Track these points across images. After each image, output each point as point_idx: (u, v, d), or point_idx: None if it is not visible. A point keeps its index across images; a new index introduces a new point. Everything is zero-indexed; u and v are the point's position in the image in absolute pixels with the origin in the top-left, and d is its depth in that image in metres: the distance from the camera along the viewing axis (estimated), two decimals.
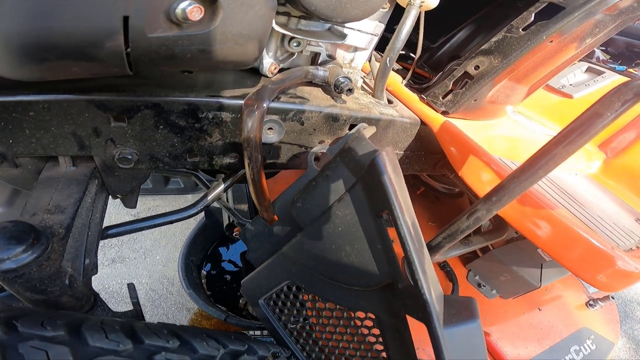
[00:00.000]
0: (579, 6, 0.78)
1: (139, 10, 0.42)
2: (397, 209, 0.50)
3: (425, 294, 0.49)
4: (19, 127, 0.63)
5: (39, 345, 0.41)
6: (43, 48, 0.41)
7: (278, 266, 0.83)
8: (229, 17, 0.49)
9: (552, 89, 1.63)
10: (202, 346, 0.54)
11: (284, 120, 0.72)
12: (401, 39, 0.81)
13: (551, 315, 1.34)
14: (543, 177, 0.59)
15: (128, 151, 0.67)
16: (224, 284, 1.96)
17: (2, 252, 0.50)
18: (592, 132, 0.55)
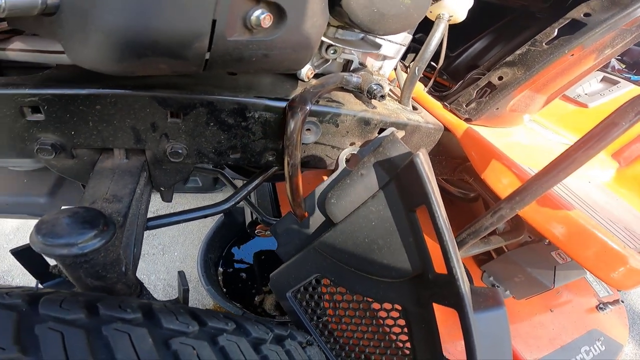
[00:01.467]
0: (601, 22, 0.85)
1: (223, 14, 0.49)
2: (435, 204, 0.56)
3: (459, 280, 0.55)
4: (84, 120, 0.69)
5: (121, 328, 0.45)
6: (143, 45, 0.47)
7: (308, 260, 0.89)
8: (291, 26, 0.56)
9: (567, 99, 1.69)
10: (254, 329, 0.60)
11: (321, 122, 0.78)
12: (430, 50, 0.88)
13: (562, 317, 1.39)
14: (562, 180, 0.65)
15: (179, 146, 0.74)
16: (237, 282, 2.02)
17: (74, 236, 0.54)
18: (608, 140, 0.61)
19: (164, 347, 0.44)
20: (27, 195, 1.06)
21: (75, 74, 0.72)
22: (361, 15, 0.64)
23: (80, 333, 0.41)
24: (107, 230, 0.58)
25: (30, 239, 0.55)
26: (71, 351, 0.38)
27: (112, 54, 0.49)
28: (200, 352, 0.46)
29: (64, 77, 0.70)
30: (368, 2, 0.63)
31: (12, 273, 2.00)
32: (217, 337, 0.51)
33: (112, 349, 0.41)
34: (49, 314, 0.42)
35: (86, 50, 0.50)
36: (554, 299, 1.44)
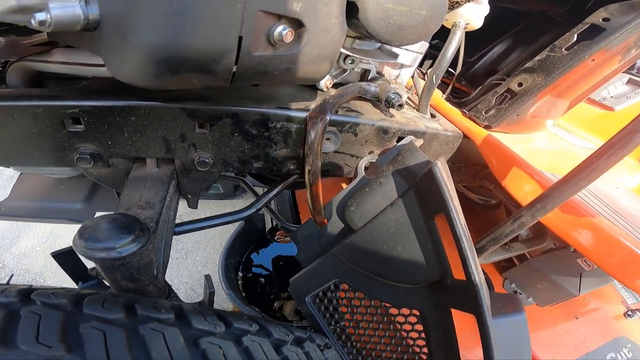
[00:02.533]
0: (620, 27, 0.84)
1: (249, 31, 0.53)
2: (454, 212, 0.58)
3: (477, 284, 0.56)
4: (119, 130, 0.75)
5: (156, 327, 0.49)
6: (178, 62, 0.52)
7: (327, 265, 0.92)
8: (311, 40, 0.59)
9: (593, 102, 1.66)
10: (276, 331, 0.63)
11: (341, 131, 0.81)
12: (447, 58, 0.89)
13: (588, 324, 1.37)
14: (585, 187, 0.65)
15: (206, 155, 0.79)
16: (256, 287, 2.06)
17: (114, 240, 0.59)
18: (631, 146, 0.61)
19: (194, 346, 0.48)
20: (64, 201, 1.13)
21: (111, 86, 0.78)
22: (378, 27, 0.67)
23: (120, 332, 0.45)
24: (143, 236, 0.62)
25: (74, 242, 0.60)
26: (112, 349, 0.42)
27: (150, 70, 0.53)
28: (226, 351, 0.49)
29: (101, 89, 0.75)
30: (385, 15, 0.66)
31: (43, 274, 2.12)
32: (241, 338, 0.54)
33: (147, 347, 0.44)
34: (92, 314, 0.47)
35: (125, 65, 0.55)
36: (580, 305, 1.41)
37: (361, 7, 0.64)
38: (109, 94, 0.73)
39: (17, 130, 0.73)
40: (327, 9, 0.58)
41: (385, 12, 0.65)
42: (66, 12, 0.49)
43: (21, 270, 2.12)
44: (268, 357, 0.52)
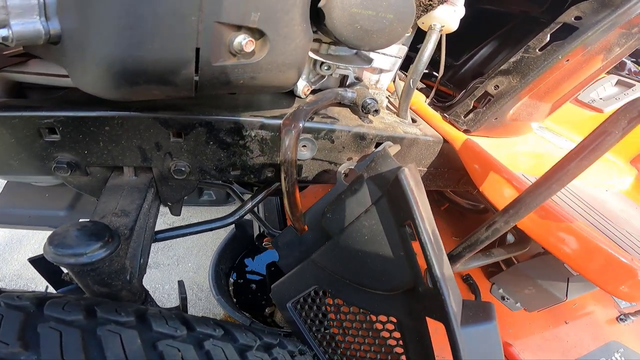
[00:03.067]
0: (592, 25, 0.84)
1: (207, 43, 0.53)
2: (419, 219, 0.58)
3: (444, 294, 0.56)
4: (95, 140, 0.75)
5: (114, 329, 0.50)
6: (135, 74, 0.52)
7: (307, 272, 0.92)
8: (274, 49, 0.59)
9: (582, 104, 1.65)
10: (242, 336, 0.63)
11: (317, 138, 0.82)
12: (423, 62, 0.89)
13: (578, 329, 1.36)
14: (558, 191, 0.65)
15: (182, 164, 0.79)
16: (248, 293, 2.06)
17: (83, 247, 0.60)
18: (602, 149, 0.61)
19: (152, 348, 0.48)
20: (48, 208, 1.14)
21: (87, 96, 0.79)
22: (345, 32, 0.67)
23: (76, 332, 0.46)
24: (112, 242, 0.63)
25: (44, 249, 0.60)
26: (66, 348, 0.43)
27: (108, 82, 0.54)
28: (185, 354, 0.50)
29: (77, 99, 0.76)
30: (351, 20, 0.66)
31: (35, 280, 2.13)
32: (203, 342, 0.55)
33: (103, 347, 0.45)
34: (51, 315, 0.47)
35: (86, 77, 0.56)
36: (570, 310, 1.40)
37: (327, 13, 0.65)
38: (83, 104, 0.74)
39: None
40: (288, 16, 0.58)
41: (351, 17, 0.66)
42: (27, 28, 0.51)
43: (13, 276, 2.12)
44: None
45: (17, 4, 0.51)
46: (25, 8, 0.51)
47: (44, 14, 0.53)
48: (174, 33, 0.51)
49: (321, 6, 0.66)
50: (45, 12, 0.53)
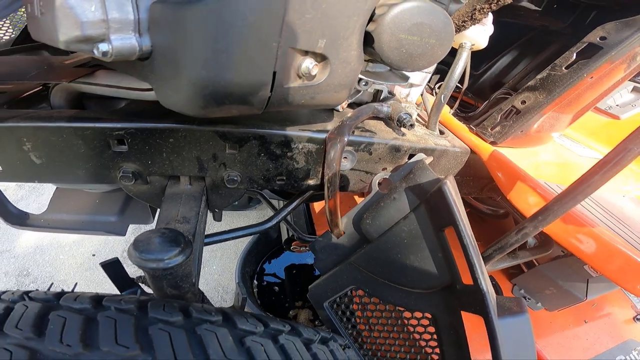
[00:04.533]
0: (616, 45, 0.91)
1: (282, 66, 0.62)
2: (462, 225, 0.66)
3: (484, 288, 0.64)
4: (159, 151, 0.83)
5: (210, 328, 0.57)
6: (224, 95, 0.60)
7: (344, 273, 1.00)
8: (333, 72, 0.68)
9: (599, 110, 1.72)
10: (305, 331, 0.71)
11: (357, 150, 0.90)
12: (455, 78, 0.97)
13: (597, 328, 1.43)
14: (582, 201, 0.73)
15: (235, 174, 0.88)
16: (271, 295, 2.15)
17: (164, 252, 0.68)
18: (623, 164, 0.68)
19: (240, 344, 0.56)
20: (100, 214, 1.24)
21: (150, 108, 0.85)
22: (392, 56, 0.73)
23: (182, 332, 0.53)
24: (187, 248, 0.71)
25: (128, 253, 0.69)
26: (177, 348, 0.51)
27: (199, 102, 0.61)
28: (266, 348, 0.58)
29: (142, 111, 0.84)
30: (398, 44, 0.72)
31: (67, 282, 2.24)
32: (277, 337, 0.63)
33: (205, 345, 0.53)
34: (156, 317, 0.56)
35: (176, 96, 0.62)
36: (589, 310, 1.47)
37: (376, 38, 0.71)
38: (149, 117, 0.81)
39: (66, 149, 0.81)
40: (347, 42, 0.67)
41: (398, 42, 0.72)
42: (125, 44, 0.57)
43: (45, 278, 2.24)
44: (301, 353, 0.61)
45: (117, 19, 0.56)
46: (124, 23, 0.57)
47: (138, 30, 0.59)
48: (258, 57, 0.58)
49: (370, 30, 0.72)
50: (139, 27, 0.59)
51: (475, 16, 0.85)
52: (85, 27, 0.54)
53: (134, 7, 0.57)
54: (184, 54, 0.57)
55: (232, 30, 0.55)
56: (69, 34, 0.54)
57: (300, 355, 0.60)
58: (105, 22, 0.56)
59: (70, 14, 0.53)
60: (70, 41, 0.55)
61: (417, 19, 0.71)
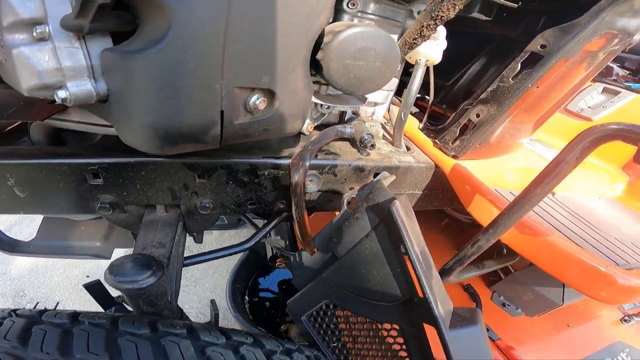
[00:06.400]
0: (556, 52, 0.94)
1: (228, 105, 0.68)
2: (408, 243, 0.72)
3: (431, 301, 0.70)
4: (132, 183, 0.90)
5: (174, 340, 0.65)
6: (175, 136, 0.67)
7: (318, 288, 1.06)
8: (283, 104, 0.75)
9: (571, 113, 1.79)
10: (268, 343, 0.78)
11: (321, 173, 0.97)
12: (412, 95, 1.03)
13: (582, 331, 1.47)
14: (528, 212, 0.79)
15: (207, 201, 0.95)
16: (263, 310, 2.21)
17: (136, 275, 0.76)
18: (560, 176, 0.73)
19: (202, 354, 0.64)
20: (85, 239, 1.31)
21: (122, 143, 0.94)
22: (341, 81, 0.80)
23: (147, 343, 0.61)
24: (158, 270, 0.78)
25: (105, 277, 0.75)
26: (142, 356, 0.58)
27: (153, 142, 0.68)
28: (226, 358, 0.65)
29: (115, 146, 0.90)
30: (345, 70, 0.79)
31: (63, 302, 2.31)
32: (239, 347, 0.70)
33: (167, 354, 0.60)
34: (126, 330, 0.63)
35: (132, 136, 0.70)
36: (572, 314, 1.51)
37: (324, 65, 0.78)
38: (122, 151, 0.87)
39: (47, 184, 0.88)
40: (292, 75, 0.73)
41: (345, 68, 0.78)
42: (81, 89, 0.63)
43: (41, 298, 2.31)
44: None
45: (70, 67, 0.62)
46: (77, 70, 0.63)
47: (92, 76, 0.64)
48: (203, 100, 0.65)
49: (319, 58, 0.78)
50: (93, 73, 0.64)
51: (423, 33, 0.89)
52: (41, 75, 0.60)
53: (85, 55, 0.63)
54: (134, 101, 0.64)
55: (175, 78, 0.62)
56: (28, 82, 0.60)
57: None
58: (60, 71, 0.61)
59: (26, 64, 0.59)
60: (31, 89, 0.61)
61: (361, 44, 0.77)
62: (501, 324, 1.38)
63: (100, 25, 0.59)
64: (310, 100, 0.84)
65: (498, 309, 1.44)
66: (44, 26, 0.59)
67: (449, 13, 0.82)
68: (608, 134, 0.68)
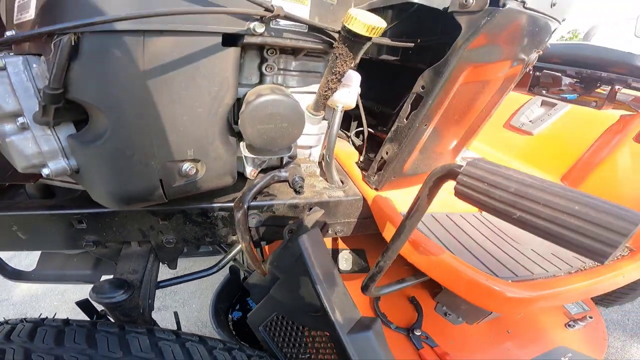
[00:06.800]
0: (432, 92, 1.12)
1: (165, 174, 1.00)
2: (310, 268, 1.05)
3: (328, 311, 1.03)
4: (109, 226, 1.23)
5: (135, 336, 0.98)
6: (127, 199, 0.98)
7: (269, 303, 1.39)
8: (210, 168, 1.07)
9: (514, 128, 2.07)
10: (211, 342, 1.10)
11: (262, 212, 1.30)
12: (333, 139, 1.29)
13: (522, 337, 1.67)
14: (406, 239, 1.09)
15: (171, 237, 1.29)
16: (247, 326, 2.53)
17: (112, 293, 1.09)
18: (421, 210, 0.93)
19: (155, 346, 0.96)
20: (78, 269, 1.68)
21: None
22: (257, 143, 1.05)
23: (115, 338, 0.95)
24: (129, 290, 1.12)
25: (90, 295, 1.09)
26: (110, 345, 0.92)
27: (113, 203, 1.00)
28: (174, 349, 0.97)
29: None
30: (258, 133, 1.03)
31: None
32: (185, 343, 1.02)
33: (129, 344, 0.93)
34: (102, 329, 0.98)
35: (98, 198, 1.03)
36: (513, 320, 1.77)
37: (242, 130, 1.03)
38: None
39: (43, 228, 1.23)
40: (212, 146, 1.05)
41: (258, 132, 1.03)
42: (58, 167, 0.91)
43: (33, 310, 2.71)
44: (201, 354, 1.00)
45: (48, 150, 0.88)
46: (53, 152, 0.90)
47: (65, 155, 0.91)
48: (144, 174, 0.97)
49: (238, 125, 1.03)
50: (65, 153, 0.91)
51: (330, 86, 1.11)
52: (29, 158, 0.87)
53: (56, 139, 0.89)
54: (94, 175, 0.94)
55: (120, 161, 0.90)
56: (21, 163, 0.86)
57: (200, 356, 1.00)
58: (41, 154, 0.87)
59: (18, 150, 0.85)
60: (24, 168, 0.87)
61: (267, 110, 1.03)
62: (442, 332, 1.63)
63: (60, 120, 0.87)
64: (234, 161, 1.15)
65: (441, 318, 1.73)
66: (22, 118, 0.83)
67: (343, 68, 1.07)
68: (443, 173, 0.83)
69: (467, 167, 0.76)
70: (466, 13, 1.06)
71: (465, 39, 1.06)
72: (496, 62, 1.24)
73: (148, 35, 0.80)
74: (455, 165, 0.82)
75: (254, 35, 0.94)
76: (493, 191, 0.71)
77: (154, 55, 0.82)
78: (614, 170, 1.85)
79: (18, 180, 1.28)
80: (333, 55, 1.07)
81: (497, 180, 0.71)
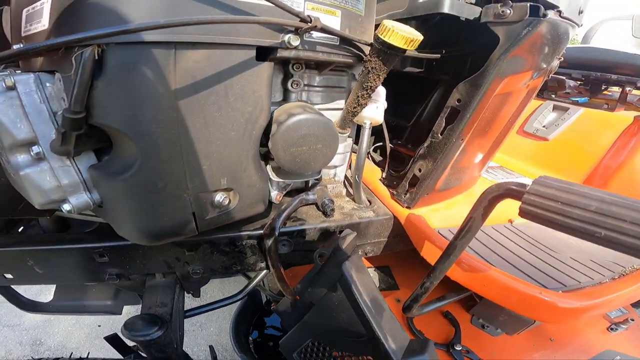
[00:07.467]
0: (469, 105, 1.07)
1: (197, 207, 0.90)
2: (357, 296, 0.95)
3: (381, 339, 0.93)
4: (133, 258, 1.13)
5: None
6: (160, 235, 0.89)
7: (303, 329, 1.28)
8: (242, 196, 0.97)
9: (528, 135, 2.00)
10: None
11: (292, 238, 1.20)
12: (362, 157, 1.22)
13: (566, 344, 1.59)
14: (453, 262, 1.00)
15: (197, 268, 1.19)
16: (268, 349, 2.41)
17: (147, 330, 0.99)
18: (473, 230, 0.87)
19: None
20: (97, 299, 1.57)
21: None
22: (290, 166, 0.98)
23: None
24: (163, 326, 1.03)
25: (122, 331, 1.00)
26: None
27: (142, 239, 0.90)
28: None
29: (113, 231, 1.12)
30: (291, 157, 0.95)
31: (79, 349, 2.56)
32: None
33: None
34: None
35: (125, 234, 0.92)
36: (554, 328, 1.65)
37: (274, 155, 0.95)
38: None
39: (60, 262, 1.11)
40: (245, 173, 0.95)
41: (291, 155, 0.95)
42: (80, 201, 0.81)
43: (58, 346, 2.58)
44: None
45: (68, 183, 0.77)
46: (74, 185, 0.79)
47: (87, 188, 0.81)
48: (176, 207, 0.87)
49: (270, 148, 0.95)
50: (86, 186, 0.80)
51: (360, 102, 1.05)
52: (48, 194, 0.75)
53: (76, 171, 0.78)
54: (121, 210, 0.83)
55: (150, 194, 0.80)
56: (38, 199, 0.75)
57: None
58: (61, 188, 0.76)
59: (34, 185, 0.73)
60: (42, 205, 0.76)
61: (301, 131, 0.94)
62: (482, 345, 1.55)
63: (82, 149, 0.76)
64: (266, 187, 1.06)
65: (479, 330, 1.63)
66: (37, 147, 0.71)
67: (376, 83, 1.00)
68: (500, 193, 0.79)
69: (535, 186, 0.70)
70: (503, 24, 1.00)
71: (504, 50, 1.00)
72: (526, 72, 1.18)
73: (179, 48, 0.69)
74: (513, 183, 0.76)
75: (287, 48, 0.84)
76: (570, 210, 0.65)
77: (185, 72, 0.72)
78: (636, 171, 1.79)
79: (31, 215, 1.18)
80: (364, 70, 0.99)
81: (574, 199, 0.65)
